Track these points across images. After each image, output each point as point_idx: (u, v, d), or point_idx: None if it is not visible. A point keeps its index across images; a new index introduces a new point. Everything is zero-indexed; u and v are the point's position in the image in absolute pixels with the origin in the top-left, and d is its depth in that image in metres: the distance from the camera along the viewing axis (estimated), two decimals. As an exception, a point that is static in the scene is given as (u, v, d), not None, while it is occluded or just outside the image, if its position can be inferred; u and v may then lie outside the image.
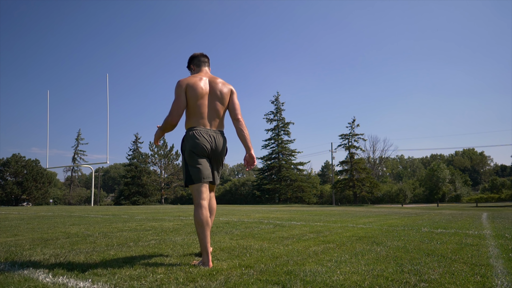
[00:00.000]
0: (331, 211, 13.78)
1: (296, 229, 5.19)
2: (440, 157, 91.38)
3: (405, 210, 15.21)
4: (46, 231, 5.01)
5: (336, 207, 22.53)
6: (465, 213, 12.46)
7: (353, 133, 43.77)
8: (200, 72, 2.94)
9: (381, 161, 62.94)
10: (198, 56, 3.02)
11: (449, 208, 22.04)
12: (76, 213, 11.18)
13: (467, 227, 5.88)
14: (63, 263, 2.60)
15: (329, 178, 63.05)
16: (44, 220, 7.62)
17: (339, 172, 45.90)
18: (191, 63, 3.02)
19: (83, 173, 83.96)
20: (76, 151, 69.50)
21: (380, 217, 8.95)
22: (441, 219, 8.01)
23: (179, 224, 6.26)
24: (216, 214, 9.94)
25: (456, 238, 4.16)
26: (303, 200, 46.80)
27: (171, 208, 19.99)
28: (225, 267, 2.46)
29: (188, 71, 3.07)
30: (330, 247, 3.42)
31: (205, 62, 3.01)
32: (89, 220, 7.58)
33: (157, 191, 54.29)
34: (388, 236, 4.38)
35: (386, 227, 5.76)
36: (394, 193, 46.38)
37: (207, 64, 3.03)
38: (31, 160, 52.92)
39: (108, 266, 2.48)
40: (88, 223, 6.62)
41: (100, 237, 4.23)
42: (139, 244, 3.56)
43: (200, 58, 3.01)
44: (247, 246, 3.44)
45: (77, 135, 70.17)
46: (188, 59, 3.04)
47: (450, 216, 9.50)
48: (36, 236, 4.37)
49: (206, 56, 3.05)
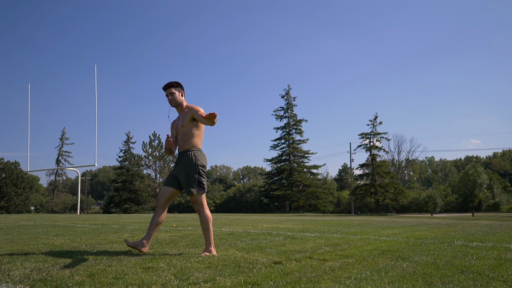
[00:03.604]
0: (349, 221, 13.73)
1: (310, 242, 5.18)
2: (476, 159, 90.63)
3: (435, 220, 15.10)
4: (27, 242, 5.07)
5: (356, 217, 22.44)
6: (504, 223, 12.33)
7: (375, 132, 43.49)
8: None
9: (408, 164, 62.55)
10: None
11: (486, 218, 21.83)
12: (60, 222, 11.29)
13: (507, 240, 5.82)
14: (46, 278, 2.63)
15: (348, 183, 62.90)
16: (24, 230, 7.71)
17: (359, 177, 45.66)
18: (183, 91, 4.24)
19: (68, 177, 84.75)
20: (60, 152, 70.07)
21: (406, 228, 8.90)
22: (476, 231, 7.94)
23: (176, 235, 6.29)
24: (219, 224, 9.98)
25: (494, 253, 4.12)
26: (317, 208, 46.69)
27: (167, 217, 20.08)
28: (229, 284, 2.47)
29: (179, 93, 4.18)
30: (348, 262, 3.41)
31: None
32: (75, 230, 7.64)
33: (151, 197, 54.52)
34: (416, 250, 4.35)
35: (413, 239, 5.72)
36: (423, 200, 46.07)
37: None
38: (10, 163, 53.44)
39: (97, 282, 2.50)
40: (74, 233, 6.68)
41: (87, 249, 4.27)
42: (131, 258, 3.58)
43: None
44: (254, 260, 3.45)
45: (61, 134, 70.72)
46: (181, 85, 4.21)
47: (488, 228, 9.41)
48: (16, 248, 4.42)
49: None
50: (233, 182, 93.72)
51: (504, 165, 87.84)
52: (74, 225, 9.79)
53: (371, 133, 43.60)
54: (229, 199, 57.70)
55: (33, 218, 16.89)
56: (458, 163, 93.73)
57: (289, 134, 49.85)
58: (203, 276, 2.71)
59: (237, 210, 54.23)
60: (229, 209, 54.93)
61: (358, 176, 45.88)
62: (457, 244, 5.01)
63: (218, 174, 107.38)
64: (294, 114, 50.13)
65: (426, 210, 44.50)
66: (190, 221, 12.70)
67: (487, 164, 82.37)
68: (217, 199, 58.99)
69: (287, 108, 50.19)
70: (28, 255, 3.82)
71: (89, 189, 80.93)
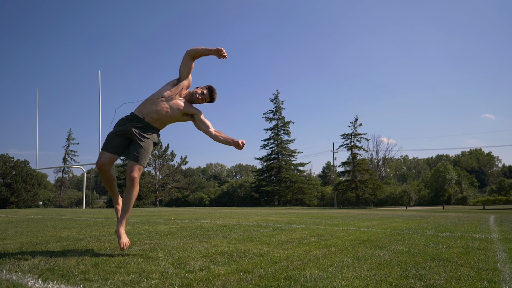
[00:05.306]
0: (332, 213, 13.79)
1: (296, 233, 5.19)
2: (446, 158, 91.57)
3: (410, 213, 15.24)
4: (35, 235, 5.00)
5: (338, 210, 22.55)
6: (471, 215, 12.49)
7: (355, 133, 43.80)
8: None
9: (385, 162, 63.07)
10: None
11: (455, 210, 22.10)
12: (66, 216, 11.16)
13: (473, 230, 5.89)
14: (53, 268, 2.60)
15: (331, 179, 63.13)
16: (33, 223, 7.61)
17: (341, 173, 45.97)
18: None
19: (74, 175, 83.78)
20: (67, 152, 69.29)
21: (384, 220, 8.96)
22: (446, 222, 8.03)
23: (174, 227, 6.26)
24: (213, 217, 9.95)
25: (462, 242, 4.17)
26: (303, 202, 46.80)
27: (166, 210, 19.97)
28: (222, 272, 2.46)
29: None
30: (331, 251, 3.42)
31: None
32: (81, 223, 7.56)
33: (151, 193, 54.21)
34: (392, 239, 4.39)
35: (389, 230, 5.77)
36: (398, 195, 46.49)
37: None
38: (20, 161, 52.80)
39: (100, 271, 2.48)
40: (79, 226, 6.61)
41: (92, 241, 4.22)
42: (133, 249, 3.56)
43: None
44: (245, 250, 3.44)
45: (68, 135, 69.97)
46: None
47: (456, 219, 9.52)
48: (25, 240, 4.36)
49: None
50: (227, 178, 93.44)
51: (471, 163, 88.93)
52: (80, 218, 9.69)
53: (352, 134, 43.91)
54: (222, 194, 57.54)
55: (41, 212, 16.68)
56: (430, 161, 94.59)
57: (278, 135, 49.89)
58: (198, 265, 2.71)
59: (230, 204, 54.13)
60: (222, 204, 54.80)
61: (340, 173, 46.22)
62: (429, 234, 5.06)
63: (213, 171, 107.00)
64: (282, 116, 50.17)
65: (402, 203, 44.89)
66: (187, 214, 12.65)
67: (456, 162, 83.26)
68: (212, 194, 58.82)
69: (276, 111, 50.22)
70: (37, 246, 3.77)
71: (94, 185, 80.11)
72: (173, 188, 58.26)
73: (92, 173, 64.36)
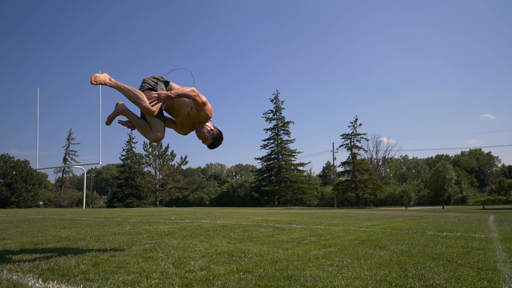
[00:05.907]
0: (332, 213, 13.79)
1: (296, 233, 5.19)
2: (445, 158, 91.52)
3: (409, 213, 15.23)
4: (36, 234, 5.00)
5: (338, 210, 22.53)
6: (471, 215, 12.49)
7: (355, 133, 43.77)
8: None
9: (385, 162, 63.06)
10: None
11: (454, 210, 22.08)
12: (67, 216, 11.16)
13: (473, 230, 5.89)
14: (54, 268, 2.59)
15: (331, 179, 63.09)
16: (33, 223, 7.61)
17: (341, 173, 45.95)
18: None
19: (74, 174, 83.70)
20: (67, 152, 69.23)
21: (384, 220, 8.96)
22: (446, 222, 8.03)
23: (174, 227, 6.26)
24: (213, 217, 9.95)
25: (462, 242, 4.17)
26: (303, 202, 46.79)
27: (166, 210, 19.97)
28: (223, 272, 2.46)
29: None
30: (331, 251, 3.42)
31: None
32: (81, 223, 7.56)
33: (151, 193, 54.21)
34: (392, 239, 4.39)
35: (389, 230, 5.77)
36: (398, 195, 46.44)
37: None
38: (20, 161, 52.80)
39: (101, 271, 2.48)
40: (79, 226, 6.61)
41: (92, 241, 4.22)
42: (133, 248, 3.56)
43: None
44: (245, 250, 3.44)
45: (68, 135, 69.92)
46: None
47: (456, 219, 9.52)
48: (26, 240, 4.36)
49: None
50: (227, 178, 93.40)
51: (471, 163, 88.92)
52: (80, 218, 9.68)
53: (352, 134, 43.88)
54: (223, 194, 57.53)
55: (41, 212, 16.68)
56: (430, 161, 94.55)
57: (278, 135, 49.89)
58: (199, 265, 2.70)
59: (230, 204, 54.13)
60: (223, 203, 54.79)
61: (340, 173, 46.20)
62: (429, 234, 5.06)
63: (213, 171, 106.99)
64: (282, 116, 50.15)
65: (401, 203, 44.85)
66: (187, 214, 12.65)
67: (455, 162, 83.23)
68: (212, 194, 58.80)
69: (275, 111, 50.20)
70: (37, 245, 3.77)
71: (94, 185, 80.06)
72: (173, 188, 58.26)
73: (92, 173, 64.36)
